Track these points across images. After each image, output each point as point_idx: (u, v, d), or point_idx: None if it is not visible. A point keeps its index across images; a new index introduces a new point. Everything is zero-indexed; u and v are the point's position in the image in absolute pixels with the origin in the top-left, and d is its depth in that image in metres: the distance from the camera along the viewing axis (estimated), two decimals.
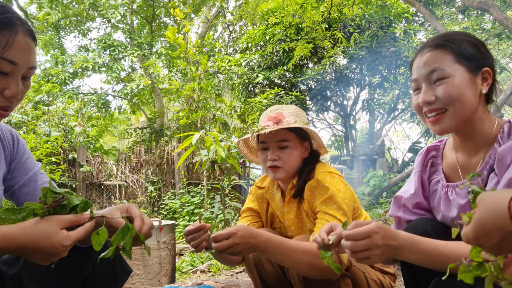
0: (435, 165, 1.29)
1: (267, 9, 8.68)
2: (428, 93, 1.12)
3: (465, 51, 1.12)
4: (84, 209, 0.98)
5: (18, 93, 0.98)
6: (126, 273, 1.22)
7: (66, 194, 0.96)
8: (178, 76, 9.40)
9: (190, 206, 6.94)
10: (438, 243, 0.95)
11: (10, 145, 1.20)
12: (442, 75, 1.10)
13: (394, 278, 1.66)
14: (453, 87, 1.09)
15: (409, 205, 1.29)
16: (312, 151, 1.68)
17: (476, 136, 1.14)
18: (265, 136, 1.60)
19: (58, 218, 0.93)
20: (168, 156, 8.31)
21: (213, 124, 8.28)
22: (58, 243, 0.90)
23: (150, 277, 2.79)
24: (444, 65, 1.11)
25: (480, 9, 6.42)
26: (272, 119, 1.58)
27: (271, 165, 1.59)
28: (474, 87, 1.10)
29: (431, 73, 1.12)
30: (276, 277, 1.62)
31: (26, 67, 1.00)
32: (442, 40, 1.15)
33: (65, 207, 0.95)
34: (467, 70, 1.10)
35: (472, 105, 1.10)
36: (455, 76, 1.10)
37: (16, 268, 1.05)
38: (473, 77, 1.11)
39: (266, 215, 1.79)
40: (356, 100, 9.42)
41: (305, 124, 1.60)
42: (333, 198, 1.47)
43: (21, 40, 0.97)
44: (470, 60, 1.11)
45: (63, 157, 7.32)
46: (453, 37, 1.15)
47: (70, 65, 11.39)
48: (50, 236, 0.89)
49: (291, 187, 1.64)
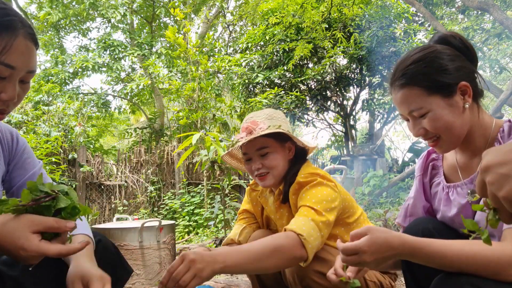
0: (436, 168, 1.30)
1: (267, 9, 8.67)
2: (416, 127, 1.13)
3: (433, 82, 1.09)
4: (71, 215, 0.86)
5: (14, 97, 0.96)
6: (127, 274, 1.22)
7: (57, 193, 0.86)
8: (178, 76, 9.40)
9: (190, 206, 6.94)
10: (441, 246, 0.93)
11: (9, 145, 1.18)
12: (421, 113, 1.10)
13: (394, 277, 1.65)
14: (436, 120, 1.08)
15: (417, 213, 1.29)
16: (298, 151, 1.64)
17: (475, 140, 1.15)
18: (245, 148, 1.60)
19: (32, 219, 0.81)
20: (168, 156, 8.31)
21: (213, 124, 8.28)
22: (22, 249, 0.79)
23: (150, 277, 2.79)
24: (418, 104, 1.09)
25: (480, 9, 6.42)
26: (245, 129, 1.57)
27: (257, 174, 1.58)
28: (456, 108, 1.09)
29: (411, 112, 1.12)
30: (274, 278, 1.63)
31: (25, 71, 0.97)
32: (407, 77, 1.11)
33: (48, 208, 0.84)
34: (442, 98, 1.09)
35: (462, 124, 1.10)
36: (433, 109, 1.08)
37: (16, 269, 1.04)
38: (451, 99, 1.09)
39: (262, 217, 1.78)
40: (356, 100, 9.41)
41: (278, 126, 1.56)
42: (308, 191, 1.45)
43: (20, 44, 0.94)
44: (442, 88, 1.09)
45: (63, 157, 7.32)
46: (417, 70, 1.10)
47: (70, 65, 11.39)
48: (15, 239, 0.79)
49: (278, 193, 1.62)
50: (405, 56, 1.16)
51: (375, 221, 4.03)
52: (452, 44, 1.14)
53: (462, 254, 0.91)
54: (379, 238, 0.96)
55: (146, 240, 2.81)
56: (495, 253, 0.89)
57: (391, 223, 3.67)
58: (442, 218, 1.23)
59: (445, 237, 0.98)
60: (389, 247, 0.95)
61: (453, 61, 1.11)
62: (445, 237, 0.99)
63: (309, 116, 9.40)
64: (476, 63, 1.16)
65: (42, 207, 0.83)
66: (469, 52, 1.14)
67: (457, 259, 0.91)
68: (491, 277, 0.88)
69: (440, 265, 0.94)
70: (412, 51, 1.16)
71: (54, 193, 0.86)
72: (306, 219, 1.35)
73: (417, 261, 0.96)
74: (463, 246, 0.92)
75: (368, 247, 0.95)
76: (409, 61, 1.13)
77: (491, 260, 0.88)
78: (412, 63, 1.12)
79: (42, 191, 0.84)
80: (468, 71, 1.12)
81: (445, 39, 1.15)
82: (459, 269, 0.91)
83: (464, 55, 1.14)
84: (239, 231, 1.75)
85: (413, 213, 1.31)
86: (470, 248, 0.91)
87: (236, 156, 1.82)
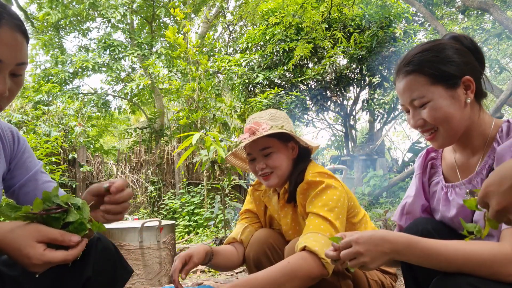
0: (435, 167, 1.30)
1: (267, 9, 8.67)
2: (415, 117, 1.13)
3: (438, 71, 1.10)
4: (77, 230, 0.87)
5: (4, 90, 0.92)
6: (127, 274, 1.21)
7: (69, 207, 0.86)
8: (178, 76, 9.40)
9: (190, 206, 6.94)
10: (437, 244, 0.94)
11: (10, 144, 1.18)
12: (422, 102, 1.10)
13: (395, 278, 1.66)
14: (436, 110, 1.09)
15: (415, 211, 1.29)
16: (301, 150, 1.65)
17: (474, 138, 1.15)
18: (249, 148, 1.61)
19: (38, 229, 0.83)
20: (168, 156, 8.31)
21: (213, 124, 8.29)
22: (27, 257, 0.81)
23: (150, 277, 2.79)
24: (421, 92, 1.10)
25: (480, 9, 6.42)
26: (248, 130, 1.59)
27: (261, 174, 1.60)
28: (457, 101, 1.10)
29: (412, 101, 1.12)
30: None
31: (13, 63, 0.92)
32: (414, 64, 1.12)
33: (57, 220, 0.85)
34: (445, 89, 1.09)
35: (461, 119, 1.10)
36: (435, 99, 1.09)
37: (16, 270, 1.04)
38: (454, 92, 1.10)
39: (265, 217, 1.79)
40: (356, 100, 9.41)
41: (281, 127, 1.58)
42: (319, 196, 1.46)
43: (5, 35, 0.89)
44: (446, 78, 1.09)
45: (63, 157, 7.32)
46: (424, 58, 1.12)
47: (70, 65, 11.39)
48: (21, 247, 0.81)
49: (283, 192, 1.63)
50: (414, 47, 1.18)
51: (375, 221, 4.03)
52: (463, 43, 1.16)
53: (459, 252, 0.91)
54: (371, 232, 0.99)
55: (146, 240, 2.80)
56: (492, 252, 0.89)
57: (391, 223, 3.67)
58: (441, 218, 1.23)
59: (444, 238, 0.98)
60: (382, 239, 0.96)
61: (461, 55, 1.12)
62: (445, 237, 0.99)
63: (309, 116, 9.39)
64: (483, 66, 1.17)
65: (51, 218, 0.85)
66: (478, 54, 1.16)
67: (454, 257, 0.91)
68: (487, 276, 0.88)
69: (437, 263, 0.93)
70: (422, 43, 1.19)
71: (67, 206, 0.87)
72: (316, 235, 1.35)
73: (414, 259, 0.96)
74: (459, 244, 0.92)
75: (359, 238, 0.97)
76: (417, 50, 1.15)
77: (486, 258, 0.89)
78: (420, 52, 1.14)
79: (55, 203, 0.86)
80: (474, 68, 1.13)
81: (457, 37, 1.17)
82: (456, 268, 0.91)
83: (473, 55, 1.15)
84: (241, 230, 1.75)
85: (410, 211, 1.30)
86: (466, 247, 0.91)
87: (241, 156, 1.83)
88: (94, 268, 1.11)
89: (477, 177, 1.13)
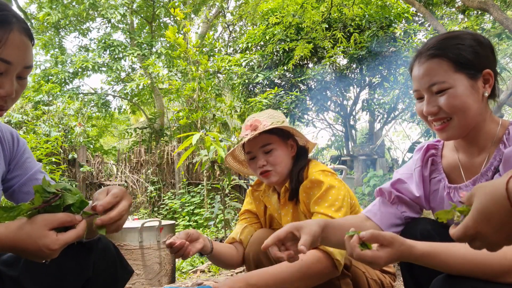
0: (435, 164, 1.27)
1: (267, 9, 8.67)
2: (431, 104, 1.10)
3: (463, 58, 1.08)
4: (80, 208, 0.92)
5: (12, 92, 0.95)
6: (127, 274, 1.21)
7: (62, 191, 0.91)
8: (178, 76, 9.39)
9: (190, 206, 6.94)
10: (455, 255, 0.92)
11: (10, 145, 1.19)
12: (443, 87, 1.08)
13: (394, 277, 1.66)
14: (455, 98, 1.06)
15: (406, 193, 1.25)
16: (299, 148, 1.67)
17: (480, 137, 1.13)
18: (249, 146, 1.62)
19: (45, 218, 0.87)
20: (168, 156, 8.31)
21: (213, 124, 8.28)
22: (45, 247, 0.85)
23: (150, 277, 2.79)
24: (443, 77, 1.08)
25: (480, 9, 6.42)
26: (249, 127, 1.60)
27: (261, 171, 1.60)
28: (476, 92, 1.08)
29: (432, 85, 1.09)
30: None
31: (22, 66, 0.96)
32: (438, 48, 1.11)
33: (58, 207, 0.90)
34: (467, 78, 1.08)
35: (476, 111, 1.09)
36: (456, 86, 1.07)
37: (16, 269, 1.04)
38: (474, 82, 1.08)
39: (265, 217, 1.80)
40: (356, 100, 9.42)
41: (282, 123, 1.60)
42: (324, 196, 1.46)
43: (15, 39, 0.93)
44: (469, 66, 1.08)
45: (63, 157, 7.32)
46: (449, 44, 1.10)
47: (70, 65, 11.39)
48: (36, 239, 0.85)
49: (284, 190, 1.63)
50: (437, 35, 1.17)
51: None
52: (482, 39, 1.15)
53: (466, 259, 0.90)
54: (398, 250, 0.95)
55: (146, 240, 2.80)
56: (497, 258, 0.88)
57: None
58: None
59: (444, 239, 0.98)
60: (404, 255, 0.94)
61: (484, 49, 1.11)
62: (445, 239, 0.99)
63: (309, 116, 9.39)
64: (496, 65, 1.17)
65: (52, 207, 0.90)
66: (493, 54, 1.15)
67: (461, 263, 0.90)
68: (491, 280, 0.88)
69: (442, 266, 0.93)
70: (445, 32, 1.18)
71: (59, 191, 0.91)
72: None
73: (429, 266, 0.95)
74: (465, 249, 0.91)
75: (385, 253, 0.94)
76: (442, 37, 1.13)
77: (493, 264, 0.88)
78: (446, 38, 1.12)
79: (49, 192, 0.90)
80: (493, 64, 1.12)
81: (475, 33, 1.16)
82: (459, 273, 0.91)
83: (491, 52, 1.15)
84: (240, 230, 1.76)
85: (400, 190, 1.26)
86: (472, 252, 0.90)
87: (238, 158, 1.83)
88: (95, 268, 1.11)
89: (481, 179, 1.12)
